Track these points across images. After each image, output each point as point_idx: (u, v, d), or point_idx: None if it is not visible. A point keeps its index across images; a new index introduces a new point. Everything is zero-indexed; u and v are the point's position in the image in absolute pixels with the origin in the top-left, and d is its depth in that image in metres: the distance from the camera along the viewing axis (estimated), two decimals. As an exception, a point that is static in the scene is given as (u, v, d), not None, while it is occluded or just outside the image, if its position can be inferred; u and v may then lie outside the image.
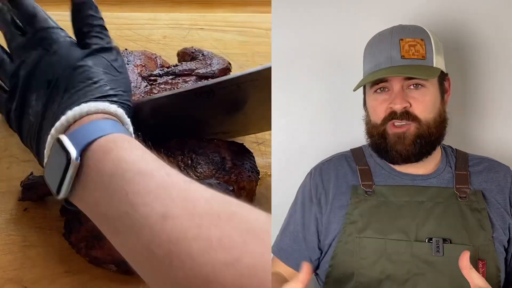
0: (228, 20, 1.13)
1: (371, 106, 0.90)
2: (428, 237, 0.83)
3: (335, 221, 0.89)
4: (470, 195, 0.86)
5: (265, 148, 0.99)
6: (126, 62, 0.95)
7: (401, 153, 0.85)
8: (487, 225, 0.84)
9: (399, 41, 0.86)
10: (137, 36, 1.07)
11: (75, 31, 0.79)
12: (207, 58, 0.99)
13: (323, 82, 1.14)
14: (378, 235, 0.85)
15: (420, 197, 0.87)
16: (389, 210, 0.87)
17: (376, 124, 0.88)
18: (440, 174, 0.89)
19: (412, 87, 0.85)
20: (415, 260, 0.83)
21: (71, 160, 0.62)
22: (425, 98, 0.85)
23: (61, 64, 0.73)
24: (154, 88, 0.93)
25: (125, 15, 1.12)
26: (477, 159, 0.92)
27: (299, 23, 1.15)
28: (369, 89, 0.90)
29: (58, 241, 0.84)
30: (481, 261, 0.82)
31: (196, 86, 0.84)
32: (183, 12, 1.13)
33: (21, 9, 0.79)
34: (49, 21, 0.79)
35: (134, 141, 0.65)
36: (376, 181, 0.90)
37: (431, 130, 0.85)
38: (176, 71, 0.96)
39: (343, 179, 0.92)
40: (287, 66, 1.14)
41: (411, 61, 0.85)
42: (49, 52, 0.74)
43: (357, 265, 0.85)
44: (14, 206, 0.87)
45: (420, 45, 0.86)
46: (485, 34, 1.09)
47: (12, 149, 0.92)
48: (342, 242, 0.87)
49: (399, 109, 0.84)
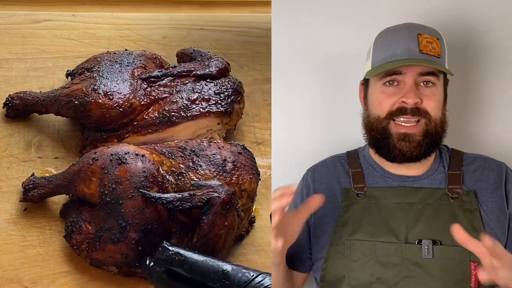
0: (228, 20, 1.13)
1: (376, 98, 0.88)
2: (418, 239, 0.82)
3: (327, 223, 0.89)
4: (462, 195, 0.85)
5: (265, 148, 1.00)
6: (126, 64, 0.95)
7: (405, 153, 0.84)
8: (479, 226, 0.82)
9: (417, 36, 0.85)
10: (137, 36, 1.07)
11: None
12: (205, 58, 0.99)
13: (323, 82, 1.14)
14: (368, 237, 0.84)
15: (411, 199, 0.85)
16: (380, 213, 0.85)
17: (378, 118, 0.86)
18: (432, 175, 0.88)
19: (422, 85, 0.84)
20: (405, 263, 0.82)
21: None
22: (435, 96, 0.84)
23: None
24: (153, 90, 0.93)
25: (125, 15, 1.11)
26: (471, 158, 0.89)
27: (299, 23, 1.15)
28: (377, 81, 0.87)
29: (58, 241, 0.84)
30: (474, 263, 0.79)
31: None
32: (183, 12, 1.13)
33: None
34: None
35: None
36: (368, 183, 0.89)
37: (437, 128, 0.84)
38: (174, 72, 0.96)
39: (336, 181, 0.91)
40: (287, 66, 1.14)
41: (428, 56, 0.84)
42: None
43: (348, 268, 0.84)
44: (14, 206, 0.87)
45: (436, 43, 0.85)
46: (485, 35, 1.08)
47: (12, 149, 0.92)
48: (334, 245, 0.86)
49: (411, 104, 0.83)
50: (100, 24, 1.09)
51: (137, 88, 0.92)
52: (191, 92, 0.94)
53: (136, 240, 0.79)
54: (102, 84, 0.91)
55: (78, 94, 0.90)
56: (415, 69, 0.84)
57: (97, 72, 0.93)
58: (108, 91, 0.90)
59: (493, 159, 0.90)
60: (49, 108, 0.93)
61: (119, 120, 0.90)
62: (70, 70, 0.99)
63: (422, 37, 0.85)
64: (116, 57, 0.96)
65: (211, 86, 0.95)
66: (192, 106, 0.92)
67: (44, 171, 0.90)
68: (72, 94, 0.90)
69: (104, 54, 0.97)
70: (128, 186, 0.80)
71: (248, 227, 0.89)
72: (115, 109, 0.89)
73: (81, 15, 1.10)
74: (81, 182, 0.82)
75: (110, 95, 0.90)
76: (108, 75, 0.93)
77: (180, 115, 0.91)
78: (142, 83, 0.94)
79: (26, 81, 1.00)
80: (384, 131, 0.85)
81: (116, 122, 0.90)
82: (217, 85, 0.96)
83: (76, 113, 0.90)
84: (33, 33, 1.05)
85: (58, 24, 1.08)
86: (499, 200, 0.85)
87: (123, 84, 0.92)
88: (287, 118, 1.16)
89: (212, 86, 0.96)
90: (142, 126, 0.91)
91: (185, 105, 0.92)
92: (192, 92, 0.94)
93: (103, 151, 0.83)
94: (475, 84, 1.10)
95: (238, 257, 0.86)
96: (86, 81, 0.92)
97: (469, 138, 1.10)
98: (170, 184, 0.83)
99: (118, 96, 0.90)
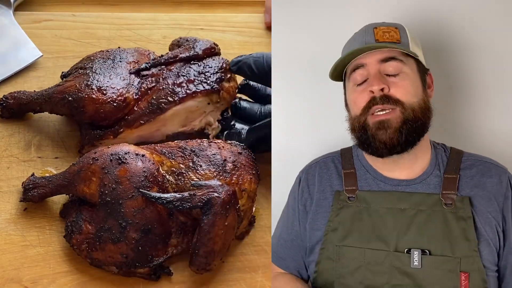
0: (228, 20, 1.13)
1: (351, 99, 0.88)
2: (408, 247, 0.81)
3: (318, 228, 0.89)
4: (457, 201, 0.81)
5: (265, 148, 0.99)
6: (119, 60, 0.95)
7: (385, 142, 0.81)
8: (472, 235, 0.79)
9: (373, 30, 0.86)
10: (137, 36, 1.07)
11: None
12: (191, 42, 0.99)
13: (323, 82, 1.14)
14: (357, 244, 0.83)
15: (402, 204, 0.83)
16: (370, 218, 0.84)
17: (356, 116, 0.86)
18: (427, 179, 0.85)
19: (389, 73, 0.83)
20: (394, 271, 0.81)
21: None
22: (404, 82, 0.83)
23: None
24: (144, 82, 0.93)
25: (125, 15, 1.11)
26: (471, 161, 0.86)
27: (299, 23, 1.15)
28: (348, 82, 0.89)
29: (58, 241, 0.84)
30: (464, 273, 0.78)
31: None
32: (183, 12, 1.13)
33: None
34: None
35: None
36: (360, 185, 0.88)
37: (416, 114, 0.82)
38: (162, 61, 0.96)
39: (327, 183, 0.91)
40: (287, 66, 1.14)
41: (385, 44, 0.84)
42: None
43: (337, 274, 0.84)
44: (14, 206, 0.87)
45: (394, 32, 0.85)
46: (478, 31, 1.08)
47: (12, 149, 0.92)
48: (324, 249, 0.86)
49: (376, 91, 0.82)
50: (100, 24, 1.09)
51: (130, 83, 0.92)
52: (177, 76, 0.93)
53: (136, 240, 0.79)
54: (95, 79, 0.91)
55: (71, 91, 0.90)
56: (374, 57, 0.84)
57: (90, 69, 0.93)
58: (102, 86, 0.90)
59: (494, 164, 0.87)
60: (44, 106, 0.92)
61: (113, 115, 0.90)
62: (64, 72, 0.99)
63: (378, 29, 0.86)
64: (109, 54, 0.96)
65: (195, 67, 0.95)
66: (178, 90, 0.92)
67: (44, 171, 0.90)
68: (65, 90, 0.90)
69: (97, 53, 0.97)
70: (128, 186, 0.80)
71: (248, 227, 0.89)
72: (109, 104, 0.89)
73: (81, 15, 1.10)
74: (81, 182, 0.82)
75: (103, 90, 0.90)
76: (101, 71, 0.93)
77: (167, 101, 0.91)
78: (135, 77, 0.94)
79: (26, 81, 1.00)
80: (363, 126, 0.84)
81: (111, 118, 0.90)
82: (202, 66, 0.95)
83: (70, 109, 0.90)
84: (33, 33, 1.05)
85: (58, 24, 1.08)
86: (496, 209, 0.82)
87: (116, 79, 0.92)
88: (287, 118, 1.16)
89: (196, 67, 0.95)
90: (133, 119, 0.91)
91: (172, 90, 0.92)
92: (177, 77, 0.93)
93: (103, 151, 0.83)
94: (469, 79, 1.10)
95: (238, 257, 0.86)
96: (79, 78, 0.92)
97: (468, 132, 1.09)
98: (170, 184, 0.83)
99: (111, 91, 0.90)
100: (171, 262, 0.83)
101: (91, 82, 0.90)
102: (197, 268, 0.80)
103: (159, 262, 0.81)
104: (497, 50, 1.07)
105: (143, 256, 0.80)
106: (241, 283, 0.84)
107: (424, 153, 0.87)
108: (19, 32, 1.05)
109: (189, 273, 0.83)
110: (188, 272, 0.82)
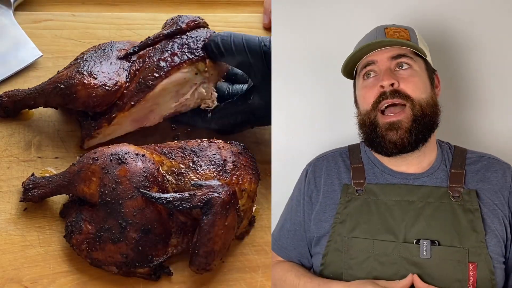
0: (228, 20, 1.13)
1: (361, 94, 0.90)
2: (417, 238, 0.82)
3: (325, 219, 0.89)
4: (464, 194, 0.84)
5: (265, 148, 0.99)
6: (109, 49, 0.95)
7: (395, 142, 0.83)
8: (479, 227, 0.81)
9: (384, 29, 0.88)
10: (137, 36, 1.07)
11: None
12: (174, 19, 0.98)
13: (323, 82, 1.14)
14: (366, 235, 0.84)
15: (410, 197, 0.85)
16: (379, 210, 0.85)
17: (366, 112, 0.87)
18: (434, 173, 0.87)
19: (398, 69, 0.85)
20: (403, 262, 0.82)
21: None
22: (413, 78, 0.85)
23: None
24: (133, 64, 0.93)
25: (125, 15, 1.12)
26: (475, 157, 0.89)
27: (299, 23, 1.15)
28: (359, 78, 0.90)
29: (58, 241, 0.84)
30: (472, 264, 0.80)
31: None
32: (183, 12, 1.13)
33: None
34: None
35: None
36: (368, 179, 0.89)
37: (424, 110, 0.84)
38: (148, 41, 0.95)
39: (336, 176, 0.92)
40: (287, 66, 1.14)
41: (396, 40, 0.86)
42: None
43: (346, 265, 0.84)
44: (14, 206, 0.87)
45: (404, 32, 0.88)
46: (480, 32, 1.09)
47: (12, 149, 0.92)
48: (332, 241, 0.86)
49: (387, 86, 0.83)
50: (100, 24, 1.09)
51: (120, 67, 0.93)
52: (161, 53, 0.93)
53: (136, 240, 0.79)
54: (86, 66, 0.91)
55: (63, 79, 0.90)
56: (385, 54, 0.86)
57: (81, 58, 0.94)
58: (92, 71, 0.91)
59: (498, 160, 0.89)
60: (37, 100, 0.92)
61: (105, 99, 0.90)
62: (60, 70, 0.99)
63: (389, 29, 0.88)
64: (100, 46, 0.97)
65: (178, 41, 0.94)
66: (163, 64, 0.91)
67: (44, 171, 0.91)
68: (57, 80, 0.91)
69: (89, 48, 0.98)
70: (128, 186, 0.80)
71: (248, 227, 0.89)
72: (101, 88, 0.89)
73: (81, 15, 1.10)
74: (81, 182, 0.82)
75: (94, 75, 0.90)
76: (92, 59, 0.93)
77: (154, 77, 0.90)
78: (125, 62, 0.94)
79: (26, 81, 1.00)
80: (373, 124, 0.86)
81: (103, 102, 0.90)
82: (185, 38, 0.94)
83: (63, 97, 0.90)
84: (33, 33, 1.05)
85: (58, 24, 1.08)
86: (501, 202, 0.85)
87: (106, 64, 0.93)
88: (287, 118, 1.16)
89: (179, 40, 0.94)
90: (124, 102, 0.91)
91: (157, 66, 0.91)
92: (162, 53, 0.93)
93: (103, 151, 0.83)
94: (473, 79, 1.10)
95: (238, 257, 0.86)
96: (71, 68, 0.92)
97: (472, 132, 1.10)
98: (170, 184, 0.83)
99: (102, 75, 0.91)
100: (171, 262, 0.84)
101: (81, 69, 0.91)
102: (197, 268, 0.80)
103: (159, 262, 0.81)
104: (500, 51, 1.07)
105: (143, 256, 0.80)
106: (241, 283, 0.84)
107: (431, 151, 0.89)
108: (19, 32, 1.05)
109: (189, 273, 0.83)
110: (188, 272, 0.82)
